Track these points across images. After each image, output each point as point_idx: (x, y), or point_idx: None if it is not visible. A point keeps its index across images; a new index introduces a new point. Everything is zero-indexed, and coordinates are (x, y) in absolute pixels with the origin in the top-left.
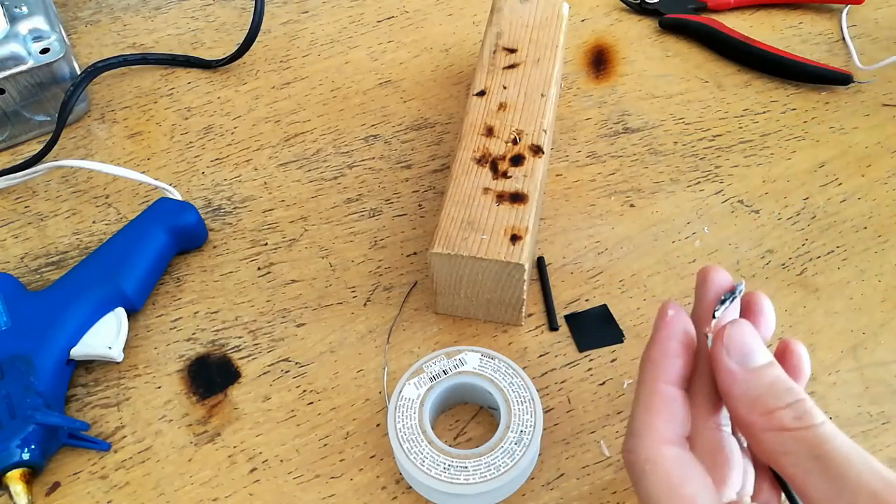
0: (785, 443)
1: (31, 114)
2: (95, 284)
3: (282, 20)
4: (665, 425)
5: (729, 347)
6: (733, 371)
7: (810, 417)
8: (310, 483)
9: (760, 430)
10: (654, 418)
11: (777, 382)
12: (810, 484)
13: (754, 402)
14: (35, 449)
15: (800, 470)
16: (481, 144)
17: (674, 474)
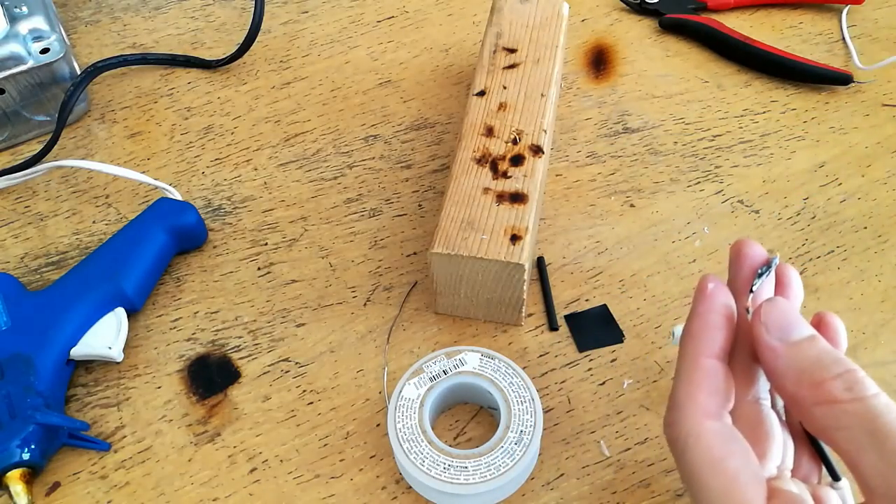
0: (838, 416)
1: (31, 114)
2: (95, 284)
3: (282, 20)
4: (707, 398)
5: (768, 324)
6: (775, 347)
7: (862, 388)
8: (310, 483)
9: (811, 404)
10: (697, 391)
11: (823, 354)
12: (865, 460)
13: (801, 376)
14: (35, 449)
15: (854, 446)
16: (481, 144)
17: (716, 448)
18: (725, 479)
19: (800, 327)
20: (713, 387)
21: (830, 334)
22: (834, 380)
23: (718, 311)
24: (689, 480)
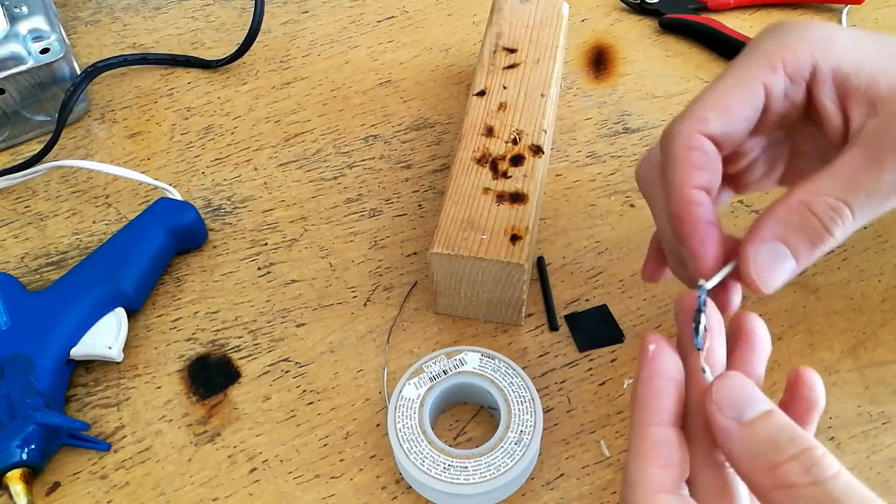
0: (796, 501)
1: (31, 114)
2: (95, 284)
3: (282, 20)
4: (659, 472)
5: (720, 403)
6: (729, 428)
7: (820, 470)
8: (310, 483)
9: (768, 489)
10: (647, 466)
11: (779, 433)
12: None
13: (756, 460)
14: (35, 449)
15: None
16: (481, 144)
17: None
18: None
19: (754, 404)
20: (664, 458)
21: (804, 391)
22: (790, 462)
23: (663, 375)
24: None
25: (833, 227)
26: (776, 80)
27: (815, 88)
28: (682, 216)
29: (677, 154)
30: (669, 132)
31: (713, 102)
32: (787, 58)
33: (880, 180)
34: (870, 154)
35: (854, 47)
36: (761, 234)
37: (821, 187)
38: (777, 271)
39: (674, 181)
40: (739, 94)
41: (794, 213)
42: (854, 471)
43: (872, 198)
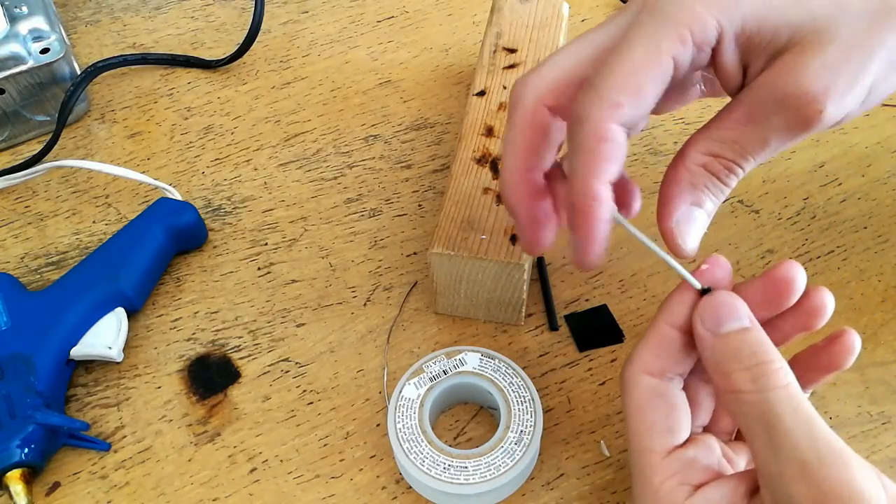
0: (739, 405)
1: (31, 114)
2: (95, 284)
3: (282, 20)
4: (652, 357)
5: (703, 316)
6: (703, 337)
7: (766, 381)
8: (310, 483)
9: (721, 391)
10: (645, 349)
11: (743, 346)
12: (755, 445)
13: (718, 366)
14: (35, 449)
15: (749, 432)
16: (481, 144)
17: (643, 399)
18: (643, 426)
19: (735, 320)
20: (661, 349)
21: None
22: (741, 371)
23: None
24: (625, 418)
25: (729, 181)
26: (684, 51)
27: (719, 51)
28: (582, 210)
29: (587, 145)
30: (579, 117)
31: (624, 83)
32: (695, 26)
33: (765, 141)
34: (755, 114)
35: (761, 2)
36: (676, 203)
37: (713, 148)
38: (695, 231)
39: (579, 172)
40: (650, 73)
41: (696, 175)
42: None
43: (759, 155)
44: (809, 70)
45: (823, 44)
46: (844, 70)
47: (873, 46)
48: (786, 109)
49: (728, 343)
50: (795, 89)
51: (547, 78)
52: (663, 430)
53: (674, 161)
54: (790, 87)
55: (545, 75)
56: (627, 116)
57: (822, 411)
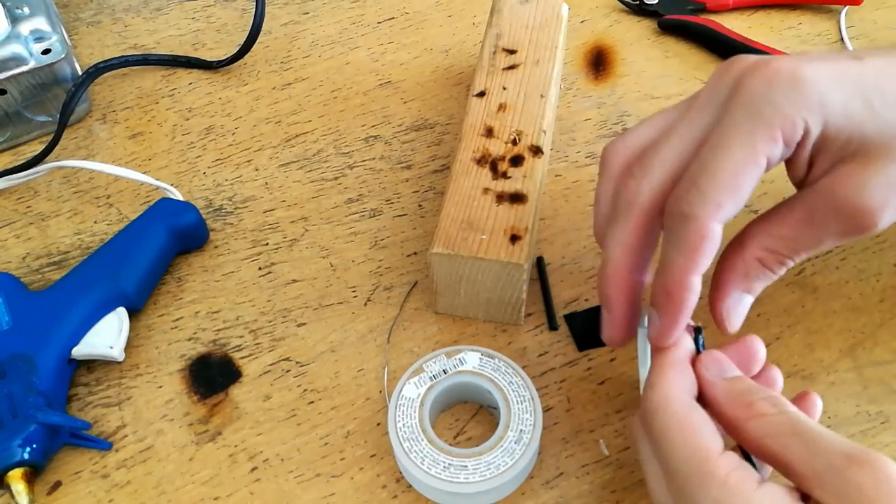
0: (767, 426)
1: (32, 114)
2: (97, 284)
3: (282, 21)
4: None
5: (707, 365)
6: (714, 381)
7: (784, 405)
8: (310, 482)
9: (745, 420)
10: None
11: (752, 384)
12: (792, 454)
13: (736, 400)
14: (36, 448)
15: (781, 446)
16: (481, 145)
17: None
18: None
19: (732, 370)
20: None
21: (808, 407)
22: (762, 400)
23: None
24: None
25: (779, 273)
26: (776, 150)
27: (800, 147)
28: (677, 300)
29: (690, 242)
30: (684, 215)
31: (727, 184)
32: (786, 127)
33: (820, 243)
34: (815, 218)
35: (842, 108)
36: (729, 290)
37: (771, 244)
38: (742, 314)
39: (679, 265)
40: (749, 173)
41: (752, 267)
42: None
43: (811, 252)
44: (871, 185)
45: (887, 160)
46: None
47: None
48: (844, 218)
49: (739, 383)
50: (857, 202)
51: (657, 181)
52: (711, 432)
53: (732, 247)
54: (851, 199)
55: (656, 178)
56: (727, 215)
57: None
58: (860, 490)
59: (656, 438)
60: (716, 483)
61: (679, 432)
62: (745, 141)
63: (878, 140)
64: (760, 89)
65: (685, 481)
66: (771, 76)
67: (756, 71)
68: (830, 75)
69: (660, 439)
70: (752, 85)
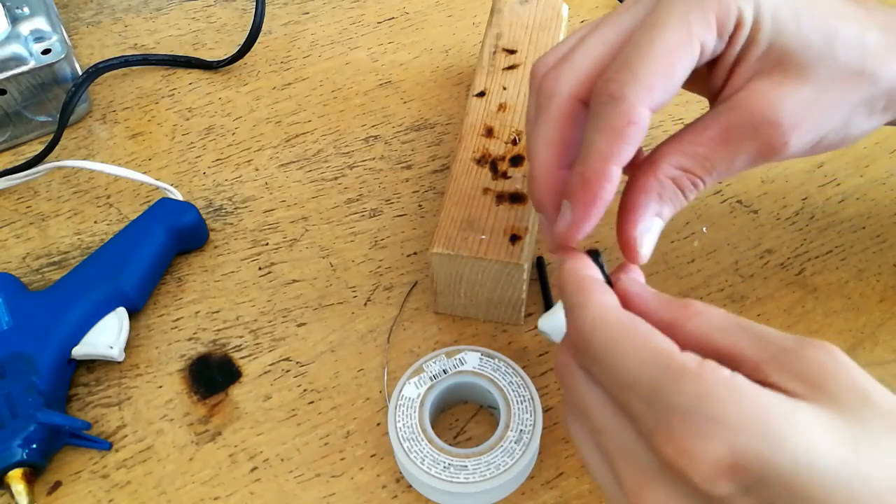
0: (710, 321)
1: (32, 114)
2: (97, 284)
3: (282, 21)
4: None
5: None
6: (641, 293)
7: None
8: (310, 482)
9: (686, 320)
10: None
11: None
12: (743, 344)
13: (670, 303)
14: (36, 448)
15: (731, 338)
16: (481, 145)
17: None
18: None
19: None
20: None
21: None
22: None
23: None
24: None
25: (690, 195)
26: (709, 36)
27: (729, 44)
28: (593, 188)
29: (616, 125)
30: (613, 96)
31: (659, 66)
32: (720, 13)
33: (733, 164)
34: (730, 137)
35: (773, 12)
36: (643, 214)
37: (684, 163)
38: (653, 241)
39: (600, 150)
40: (683, 56)
41: (665, 188)
42: None
43: (724, 175)
44: (786, 102)
45: (804, 80)
46: (814, 109)
47: (843, 91)
48: (758, 136)
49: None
50: (771, 117)
51: (579, 69)
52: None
53: (644, 168)
54: (766, 113)
55: (577, 66)
56: (658, 100)
57: None
58: (821, 366)
59: (603, 357)
60: (691, 377)
61: (632, 338)
62: (679, 22)
63: (798, 57)
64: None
65: (654, 389)
66: None
67: None
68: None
69: (609, 356)
70: None
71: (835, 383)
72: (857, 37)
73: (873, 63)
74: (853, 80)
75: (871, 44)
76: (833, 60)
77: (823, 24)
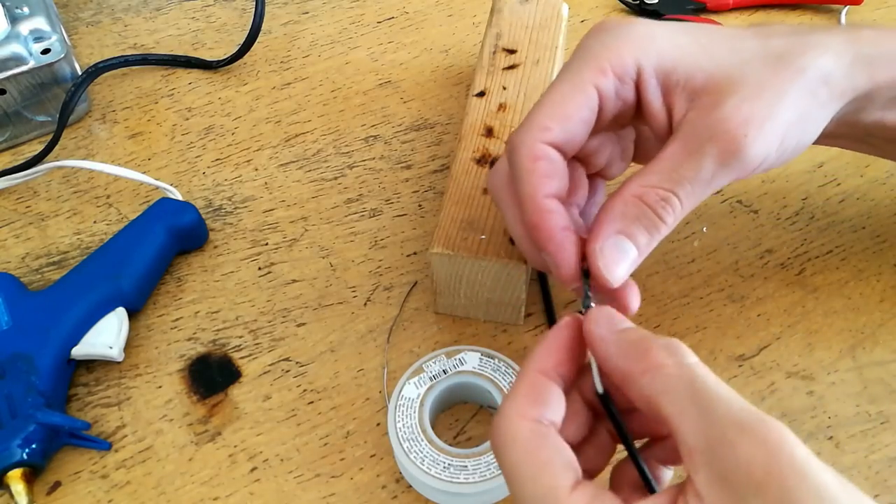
0: (663, 380)
1: (32, 114)
2: (96, 284)
3: (282, 21)
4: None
5: (598, 321)
6: (604, 335)
7: (683, 354)
8: (310, 482)
9: (640, 374)
10: (517, 399)
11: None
12: (686, 419)
13: (628, 351)
14: (36, 448)
15: (676, 407)
16: (481, 145)
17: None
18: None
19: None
20: (536, 396)
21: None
22: (658, 349)
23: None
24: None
25: (665, 215)
26: (606, 82)
27: (642, 86)
28: (537, 225)
29: (524, 165)
30: (513, 144)
31: (551, 110)
32: (614, 60)
33: (700, 169)
34: (689, 146)
35: (672, 44)
36: (604, 230)
37: (650, 180)
38: (622, 262)
39: (525, 192)
40: (575, 100)
41: (630, 206)
42: (853, 470)
43: (696, 185)
44: (730, 104)
45: (736, 84)
46: (759, 103)
47: (780, 86)
48: (716, 137)
49: (632, 333)
50: (722, 118)
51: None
52: (562, 465)
53: (611, 194)
54: (717, 117)
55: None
56: (556, 137)
57: (820, 411)
58: (749, 467)
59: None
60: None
61: (526, 466)
62: (572, 75)
63: (718, 72)
64: (591, 37)
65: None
66: (601, 26)
67: (592, 29)
68: (658, 24)
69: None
70: (586, 38)
71: (754, 491)
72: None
73: (794, 57)
74: (780, 66)
75: (782, 44)
76: (750, 63)
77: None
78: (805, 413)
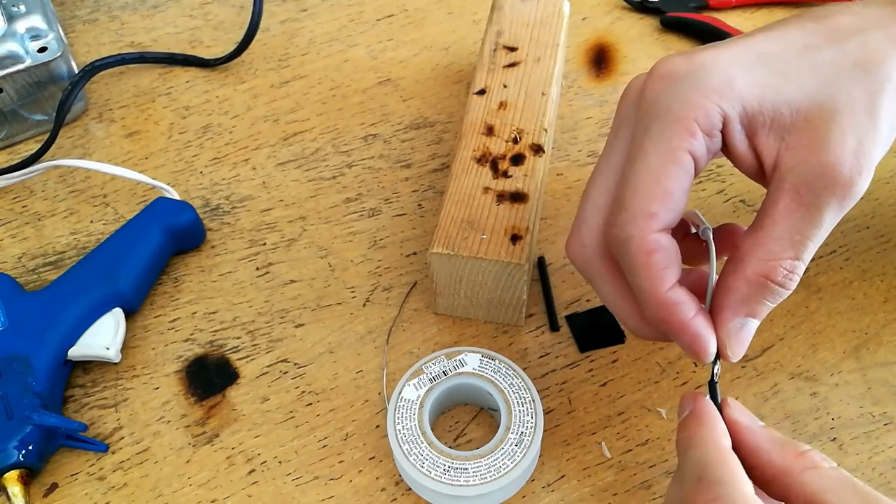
0: (825, 480)
1: (28, 113)
2: (93, 285)
3: (280, 18)
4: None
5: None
6: (753, 427)
7: (829, 460)
8: (308, 485)
9: (800, 471)
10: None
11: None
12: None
13: (784, 448)
14: (32, 450)
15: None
16: (481, 143)
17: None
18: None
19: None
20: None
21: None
22: (811, 451)
23: None
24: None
25: (791, 284)
26: (697, 144)
27: (728, 135)
28: (665, 319)
29: (639, 262)
30: (621, 238)
31: (651, 191)
32: (700, 117)
33: (822, 225)
34: (804, 200)
35: (752, 81)
36: (729, 316)
37: (772, 251)
38: (745, 340)
39: (644, 288)
40: (672, 174)
41: (754, 287)
42: (856, 472)
43: (818, 240)
44: (833, 141)
45: (829, 113)
46: (860, 131)
47: (871, 103)
48: (832, 185)
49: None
50: (832, 162)
51: (594, 227)
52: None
53: (730, 266)
54: (825, 161)
55: (591, 225)
56: (664, 221)
57: (824, 412)
58: None
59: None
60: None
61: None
62: (657, 143)
63: (806, 102)
64: (660, 89)
65: None
66: (666, 74)
67: (652, 75)
68: (726, 55)
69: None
70: (653, 89)
71: None
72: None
73: (875, 67)
74: (871, 88)
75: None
76: (835, 84)
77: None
78: (808, 414)
